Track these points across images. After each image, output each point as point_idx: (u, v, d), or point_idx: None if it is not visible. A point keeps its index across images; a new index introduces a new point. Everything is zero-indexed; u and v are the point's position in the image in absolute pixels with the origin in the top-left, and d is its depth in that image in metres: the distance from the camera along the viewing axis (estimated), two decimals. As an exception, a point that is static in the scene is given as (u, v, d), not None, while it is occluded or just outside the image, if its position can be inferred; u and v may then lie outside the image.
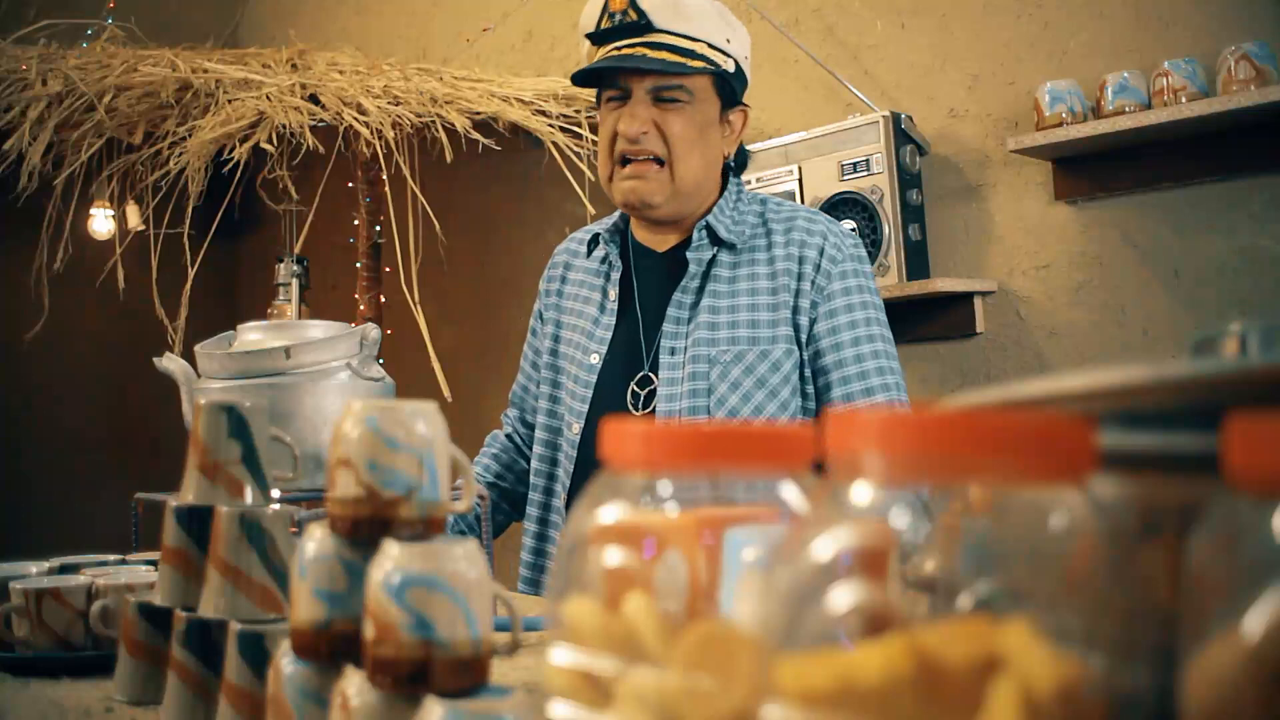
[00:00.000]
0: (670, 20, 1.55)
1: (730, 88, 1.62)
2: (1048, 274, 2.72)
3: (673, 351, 1.59)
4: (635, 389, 1.61)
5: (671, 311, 1.61)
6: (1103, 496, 0.41)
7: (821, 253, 1.59)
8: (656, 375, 1.59)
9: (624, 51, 1.55)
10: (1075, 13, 2.69)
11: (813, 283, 1.58)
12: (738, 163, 1.69)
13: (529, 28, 3.92)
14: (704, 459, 0.48)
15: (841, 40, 3.13)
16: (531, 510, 1.69)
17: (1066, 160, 2.66)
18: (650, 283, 1.66)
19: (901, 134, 2.81)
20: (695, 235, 1.61)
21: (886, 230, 2.76)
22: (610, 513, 0.48)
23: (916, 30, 2.98)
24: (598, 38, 1.59)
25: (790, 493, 0.48)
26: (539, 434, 1.71)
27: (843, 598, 0.37)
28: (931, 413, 0.37)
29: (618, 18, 1.55)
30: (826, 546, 0.38)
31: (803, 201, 2.91)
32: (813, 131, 2.94)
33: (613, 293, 1.67)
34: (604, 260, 1.71)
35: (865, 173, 2.81)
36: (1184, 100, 2.36)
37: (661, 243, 1.67)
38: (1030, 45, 2.76)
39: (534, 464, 1.70)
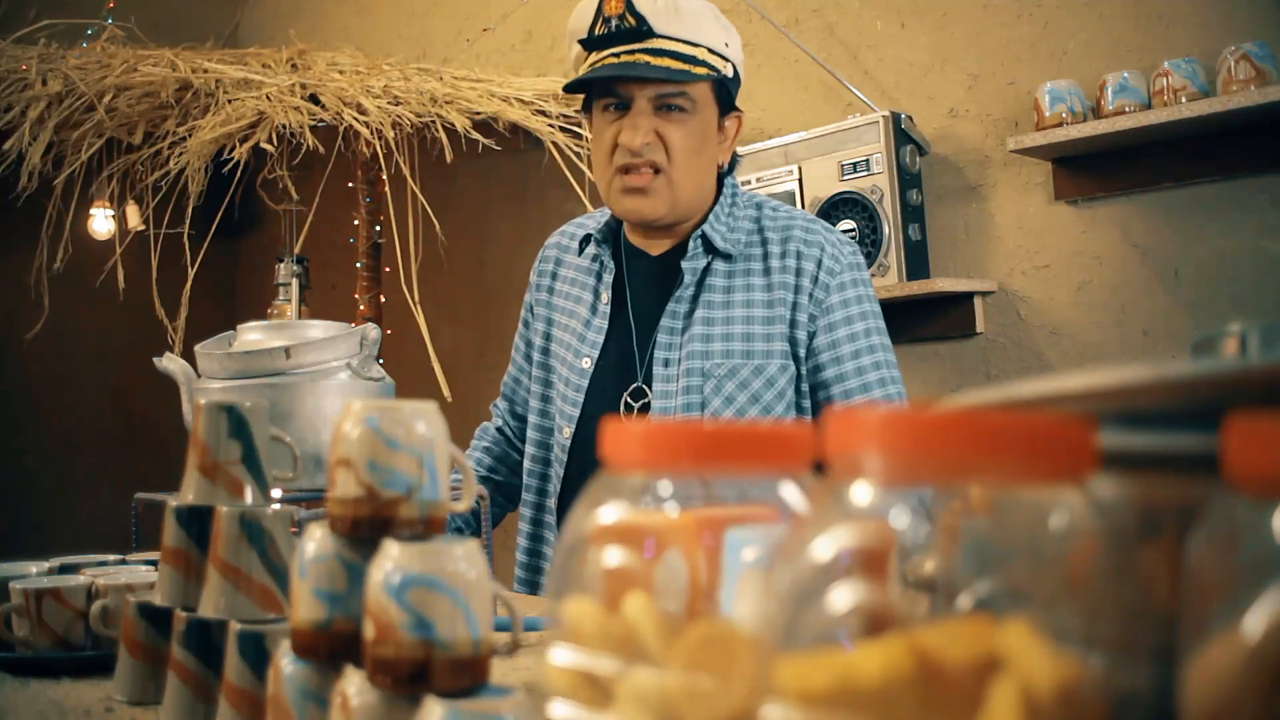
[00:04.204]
0: (670, 25, 1.50)
1: (728, 93, 1.58)
2: (1048, 274, 2.72)
3: (666, 364, 1.56)
4: (629, 400, 1.59)
5: (665, 322, 1.58)
6: (1103, 496, 0.41)
7: (819, 264, 1.56)
8: (650, 388, 1.57)
9: (624, 59, 1.49)
10: (1075, 13, 2.69)
11: (810, 295, 1.55)
12: (729, 166, 1.66)
13: (529, 28, 3.92)
14: (704, 459, 0.48)
15: (841, 40, 3.13)
16: (525, 511, 1.69)
17: (1066, 160, 2.66)
18: (643, 288, 1.63)
19: (901, 134, 2.81)
20: (690, 244, 1.58)
21: (886, 230, 2.76)
22: (610, 513, 0.48)
23: (916, 30, 2.98)
24: (592, 44, 1.54)
25: (790, 493, 0.48)
26: (531, 434, 1.69)
27: (843, 598, 0.37)
28: (931, 413, 0.37)
29: (614, 23, 1.50)
30: (826, 546, 0.38)
31: (803, 202, 2.91)
32: (813, 131, 2.94)
33: (605, 295, 1.64)
34: (595, 259, 1.68)
35: (865, 173, 2.81)
36: (1184, 100, 2.36)
37: (655, 246, 1.65)
38: (1030, 45, 2.76)
39: (526, 464, 1.69)
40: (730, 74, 1.57)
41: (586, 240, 1.69)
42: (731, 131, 1.62)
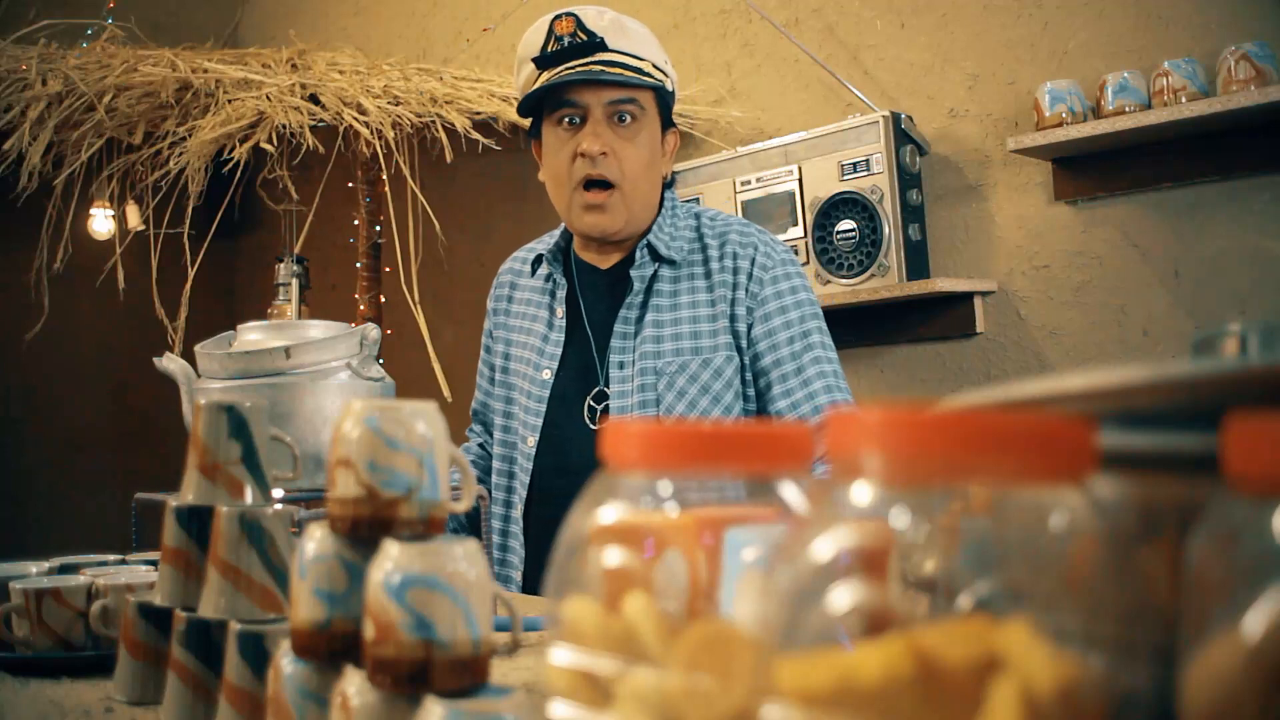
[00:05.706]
0: (619, 41, 1.62)
1: (669, 107, 1.71)
2: (1048, 274, 2.72)
3: (621, 366, 1.67)
4: (592, 404, 1.68)
5: (618, 328, 1.69)
6: (1103, 496, 0.41)
7: (753, 261, 1.67)
8: (610, 390, 1.67)
9: (579, 69, 1.60)
10: (1075, 13, 2.69)
11: (746, 290, 1.66)
12: (669, 181, 1.78)
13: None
14: (704, 459, 0.48)
15: (841, 40, 3.13)
16: (494, 523, 1.76)
17: (1066, 160, 2.66)
18: (596, 300, 1.73)
19: (901, 134, 2.81)
20: (638, 254, 1.69)
21: (886, 230, 2.76)
22: (610, 513, 0.48)
23: (916, 30, 2.98)
24: (545, 61, 1.64)
25: (790, 493, 0.48)
26: (496, 449, 1.77)
27: (843, 598, 0.37)
28: (931, 413, 0.37)
29: (566, 40, 1.61)
30: (826, 546, 0.38)
31: (803, 201, 2.91)
32: (813, 131, 2.94)
33: (560, 310, 1.74)
34: (548, 279, 1.77)
35: (865, 173, 2.81)
36: (1184, 100, 2.36)
37: (605, 260, 1.74)
38: (1030, 45, 2.76)
39: (494, 479, 1.77)
40: (670, 89, 1.70)
41: (538, 261, 1.79)
42: (670, 146, 1.75)
